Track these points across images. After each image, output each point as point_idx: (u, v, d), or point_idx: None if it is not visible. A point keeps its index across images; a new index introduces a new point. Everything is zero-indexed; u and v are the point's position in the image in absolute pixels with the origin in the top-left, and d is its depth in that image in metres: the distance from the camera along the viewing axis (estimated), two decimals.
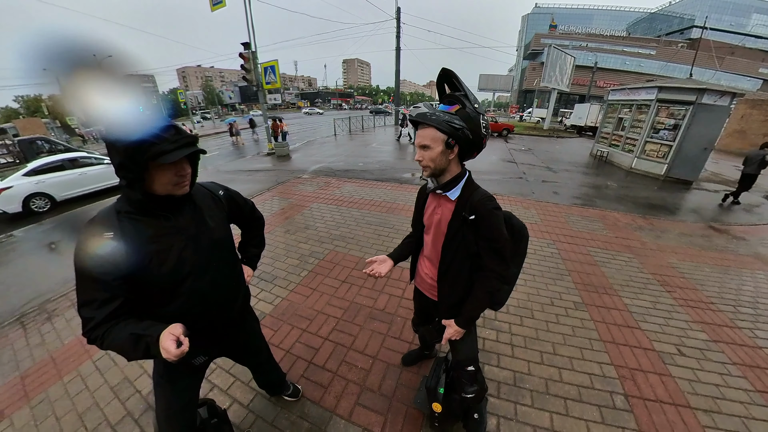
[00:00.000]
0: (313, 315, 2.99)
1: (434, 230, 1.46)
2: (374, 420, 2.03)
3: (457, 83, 1.27)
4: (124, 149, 0.93)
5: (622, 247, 4.48)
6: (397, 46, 23.29)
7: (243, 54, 11.52)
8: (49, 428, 2.07)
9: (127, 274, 1.03)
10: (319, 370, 2.41)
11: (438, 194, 1.41)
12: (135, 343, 0.99)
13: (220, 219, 1.33)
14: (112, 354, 2.63)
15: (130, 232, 1.04)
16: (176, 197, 1.11)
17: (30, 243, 5.61)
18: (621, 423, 2.00)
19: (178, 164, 1.05)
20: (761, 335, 2.85)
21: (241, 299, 1.50)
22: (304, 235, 4.73)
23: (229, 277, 1.40)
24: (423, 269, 1.65)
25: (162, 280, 1.11)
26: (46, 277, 4.19)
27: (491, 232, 1.30)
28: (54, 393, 2.33)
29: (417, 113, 1.24)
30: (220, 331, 1.41)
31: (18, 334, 3.01)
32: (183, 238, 1.15)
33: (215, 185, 1.42)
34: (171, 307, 1.16)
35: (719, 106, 8.42)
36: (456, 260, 1.42)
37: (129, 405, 2.20)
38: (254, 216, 1.66)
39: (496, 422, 1.99)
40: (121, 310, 1.04)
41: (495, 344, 2.62)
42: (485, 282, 1.37)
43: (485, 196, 1.31)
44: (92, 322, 1.00)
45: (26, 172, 7.41)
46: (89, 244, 1.00)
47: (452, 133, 1.20)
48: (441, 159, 1.26)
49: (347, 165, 10.25)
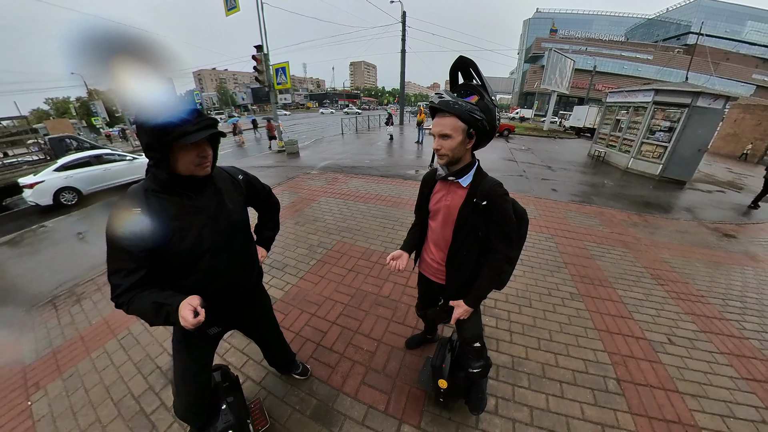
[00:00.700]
0: (321, 301, 3.02)
1: (443, 216, 1.44)
2: (379, 398, 2.06)
3: (476, 74, 1.24)
4: (151, 130, 0.97)
5: (617, 242, 4.46)
6: (402, 49, 23.18)
7: (256, 56, 11.54)
8: (79, 398, 2.15)
9: (152, 247, 1.07)
10: (327, 351, 2.44)
11: (449, 181, 1.39)
12: (157, 310, 1.03)
13: (238, 201, 1.36)
14: (135, 333, 2.71)
15: (155, 208, 1.08)
16: (198, 178, 1.14)
17: (60, 233, 5.75)
18: (613, 405, 2.01)
19: (200, 146, 1.08)
20: (748, 327, 2.84)
21: (254, 278, 1.53)
22: (313, 226, 4.75)
23: (244, 256, 1.42)
24: (428, 255, 1.64)
25: (182, 255, 1.15)
26: (75, 264, 4.29)
27: (502, 216, 1.30)
28: (83, 367, 2.41)
29: (440, 101, 1.19)
30: (233, 305, 1.45)
31: (50, 314, 3.10)
32: (203, 218, 1.19)
33: (235, 169, 1.44)
34: (189, 280, 1.20)
35: (713, 109, 8.30)
36: (465, 244, 1.42)
37: (150, 380, 2.26)
38: (270, 200, 1.68)
39: (494, 402, 2.01)
40: (146, 279, 1.08)
41: (495, 331, 2.63)
42: (494, 264, 1.38)
43: (496, 182, 1.31)
44: (119, 288, 1.05)
45: (56, 168, 7.54)
46: (120, 218, 1.04)
47: (473, 123, 1.17)
48: (460, 148, 1.24)
49: (354, 162, 10.24)
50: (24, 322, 3.03)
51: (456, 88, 1.30)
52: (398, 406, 2.00)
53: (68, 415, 2.03)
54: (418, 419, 1.92)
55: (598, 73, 41.64)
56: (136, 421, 1.97)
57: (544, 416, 1.93)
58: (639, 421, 1.92)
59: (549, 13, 63.52)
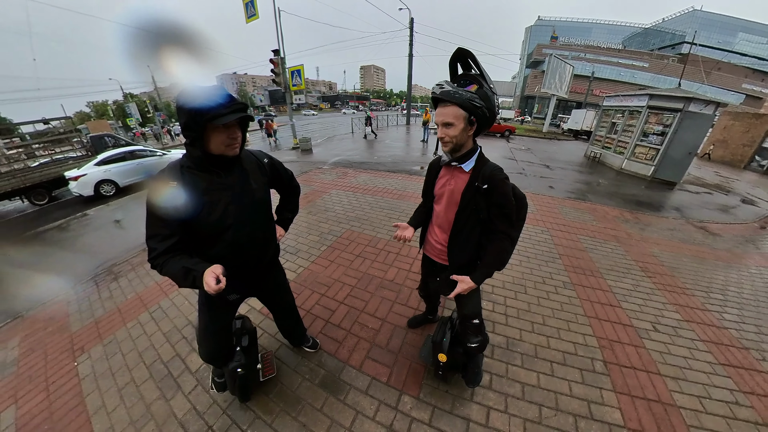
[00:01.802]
0: (330, 282, 3.05)
1: (446, 199, 1.45)
2: (382, 371, 2.09)
3: (474, 63, 1.23)
4: (189, 111, 1.02)
5: (609, 236, 4.41)
6: (409, 53, 22.91)
7: (273, 60, 11.56)
8: (117, 361, 2.27)
9: (184, 217, 1.12)
10: (335, 328, 2.47)
11: (453, 166, 1.39)
12: (185, 274, 1.08)
13: (261, 182, 1.38)
14: (164, 307, 2.82)
15: (189, 183, 1.13)
16: (227, 158, 1.17)
17: (100, 220, 6.01)
18: (599, 384, 2.01)
19: (231, 128, 1.12)
20: (727, 317, 2.80)
21: (271, 253, 1.56)
22: (324, 216, 4.77)
23: (263, 233, 1.45)
24: (432, 237, 1.64)
25: (209, 227, 1.19)
26: (113, 247, 4.50)
27: (502, 198, 1.30)
28: (120, 335, 2.54)
29: (441, 91, 1.19)
30: (252, 276, 1.49)
31: (92, 290, 3.28)
32: (229, 194, 1.22)
33: (261, 153, 1.47)
34: (214, 250, 1.24)
35: (704, 115, 8.07)
36: (467, 226, 1.42)
37: (178, 348, 2.35)
38: (292, 184, 1.70)
39: (489, 379, 2.03)
40: (178, 246, 1.14)
41: (491, 314, 2.63)
42: (498, 243, 1.37)
43: (496, 167, 1.31)
44: (155, 252, 1.11)
45: (96, 162, 7.77)
46: (158, 190, 1.10)
47: (473, 110, 1.17)
48: (462, 135, 1.24)
49: (363, 158, 10.21)
50: (71, 296, 3.19)
51: (456, 79, 1.29)
52: (399, 379, 2.03)
53: (108, 376, 2.15)
54: (417, 391, 1.94)
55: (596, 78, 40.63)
56: (164, 382, 2.07)
57: (534, 392, 1.94)
58: (622, 398, 1.91)
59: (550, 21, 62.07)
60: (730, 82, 46.17)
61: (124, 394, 2.00)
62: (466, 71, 1.26)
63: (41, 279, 3.75)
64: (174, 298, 2.94)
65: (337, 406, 1.86)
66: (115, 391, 2.03)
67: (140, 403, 1.93)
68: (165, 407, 1.89)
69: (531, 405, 1.86)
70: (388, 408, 1.85)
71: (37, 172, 7.99)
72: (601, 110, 12.26)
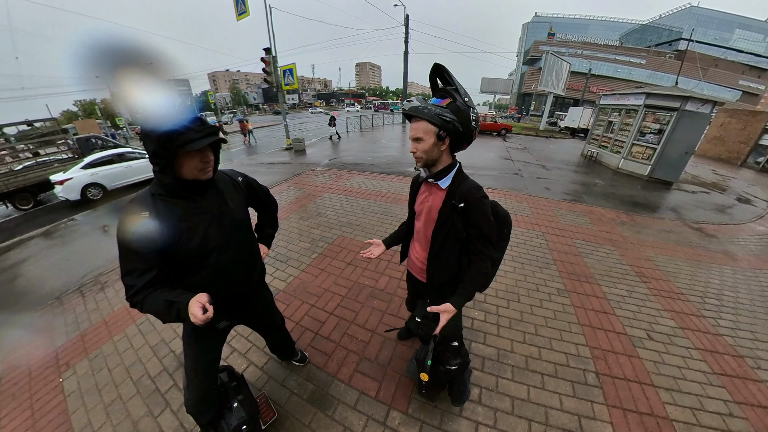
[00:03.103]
0: (320, 292, 3.03)
1: (425, 216, 1.44)
2: (370, 385, 2.07)
3: (448, 77, 1.22)
4: (157, 138, 0.98)
5: (605, 240, 4.42)
6: (405, 51, 22.88)
7: (264, 58, 11.49)
8: (103, 377, 2.25)
9: (161, 248, 1.08)
10: (324, 340, 2.46)
11: (430, 183, 1.38)
12: (168, 308, 1.04)
13: (239, 202, 1.36)
14: (152, 319, 2.77)
15: (163, 211, 1.09)
16: (201, 182, 1.15)
17: (87, 225, 5.93)
18: (591, 397, 2.01)
19: (203, 152, 1.09)
20: (723, 324, 2.81)
21: (257, 273, 1.54)
22: (316, 221, 4.75)
23: (247, 253, 1.42)
24: (414, 253, 1.63)
25: (190, 253, 1.16)
26: (100, 254, 4.42)
27: (479, 219, 1.28)
28: (106, 349, 2.51)
29: (410, 107, 1.20)
30: (239, 300, 1.45)
31: (78, 300, 3.22)
32: (208, 218, 1.20)
33: (234, 172, 1.44)
34: (198, 278, 1.21)
35: (701, 113, 8.13)
36: (446, 245, 1.40)
37: (165, 362, 2.33)
38: (269, 200, 1.68)
39: (478, 392, 2.02)
40: (157, 279, 1.09)
41: (482, 324, 2.62)
42: (478, 264, 1.35)
43: (474, 186, 1.29)
44: (133, 289, 1.06)
45: (83, 166, 7.64)
46: (129, 222, 1.06)
47: (443, 125, 1.16)
48: (433, 150, 1.23)
49: (357, 159, 10.18)
50: (56, 307, 3.14)
51: (435, 93, 1.29)
52: (388, 393, 2.01)
53: (94, 392, 2.13)
54: (405, 406, 1.93)
55: (593, 76, 40.90)
56: (152, 398, 2.05)
57: (524, 406, 1.94)
58: (614, 412, 1.91)
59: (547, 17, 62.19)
60: (727, 79, 46.62)
61: (111, 411, 1.97)
62: (445, 85, 1.25)
63: (23, 289, 3.69)
64: None
65: (325, 422, 1.86)
66: (101, 408, 2.00)
67: (127, 421, 1.90)
68: (152, 425, 1.88)
69: (520, 420, 1.85)
70: (376, 423, 1.84)
71: (21, 176, 7.85)
72: (597, 109, 12.32)
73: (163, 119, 0.98)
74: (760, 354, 2.46)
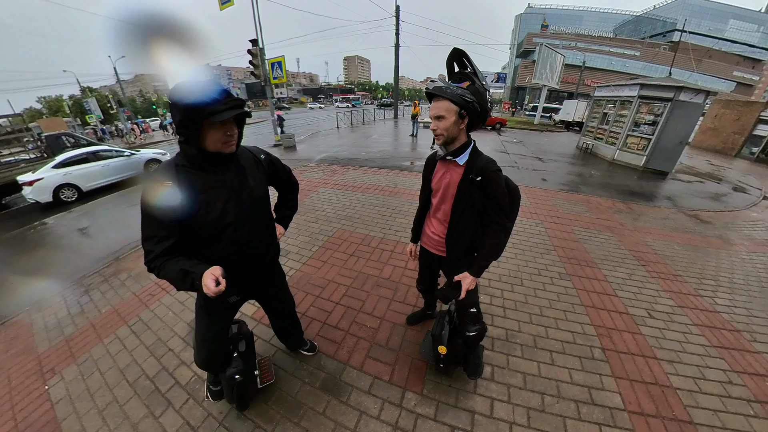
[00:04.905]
0: (324, 284, 3.10)
1: (443, 192, 1.56)
2: (383, 370, 2.16)
3: (467, 62, 1.34)
4: (184, 108, 1.02)
5: (603, 227, 4.62)
6: (396, 43, 22.98)
7: (251, 50, 11.35)
8: (95, 381, 2.20)
9: (181, 218, 1.14)
10: (333, 329, 2.53)
11: (448, 161, 1.50)
12: (184, 276, 1.10)
13: (260, 179, 1.41)
14: (146, 319, 2.76)
15: (185, 182, 1.15)
16: (224, 155, 1.20)
17: (62, 229, 5.74)
18: (598, 370, 2.16)
19: (227, 124, 1.14)
20: (719, 302, 3.03)
21: (272, 252, 1.60)
22: (314, 215, 4.82)
23: (263, 230, 1.48)
24: (430, 229, 1.75)
25: (208, 226, 1.22)
26: (80, 258, 4.35)
27: (495, 189, 1.41)
28: (96, 353, 2.45)
29: (434, 86, 1.31)
30: (252, 277, 1.52)
31: (60, 306, 3.13)
32: (227, 192, 1.25)
33: (258, 149, 1.50)
34: (214, 251, 1.27)
35: (694, 104, 8.48)
36: (464, 217, 1.53)
37: (164, 361, 2.31)
38: (290, 181, 1.74)
39: (490, 370, 2.14)
40: (175, 247, 1.15)
41: (489, 307, 2.76)
42: (492, 235, 1.49)
43: (489, 160, 1.43)
44: (152, 254, 1.13)
45: (55, 165, 7.41)
46: (153, 190, 1.11)
47: (464, 105, 1.28)
48: (453, 128, 1.35)
49: (350, 154, 10.25)
50: (34, 314, 3.04)
51: (453, 77, 1.40)
52: (402, 376, 2.11)
53: (85, 397, 2.07)
54: (420, 387, 2.03)
55: (588, 68, 41.80)
56: (152, 398, 2.03)
57: (536, 381, 2.07)
58: (621, 383, 2.07)
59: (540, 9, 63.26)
60: (721, 70, 48.23)
61: (107, 416, 1.93)
62: (461, 69, 1.37)
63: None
64: (156, 309, 2.88)
65: (340, 408, 1.92)
66: (95, 412, 1.96)
67: (126, 423, 1.87)
68: (154, 425, 1.86)
69: (533, 394, 1.98)
70: (392, 406, 1.92)
71: None
72: (592, 101, 12.68)
73: (191, 90, 1.02)
74: (756, 329, 2.67)
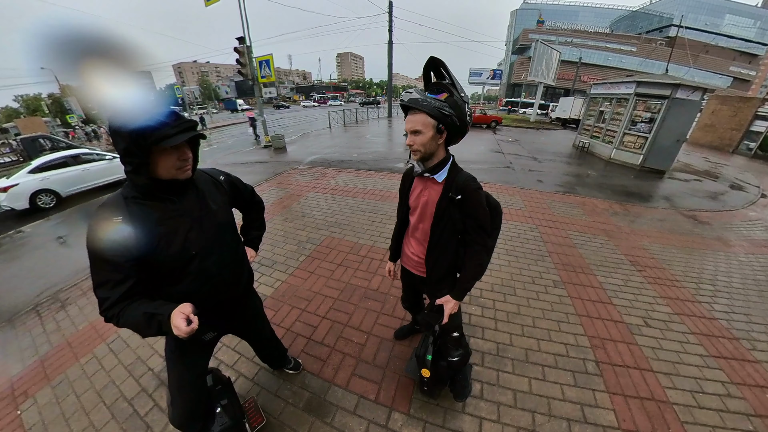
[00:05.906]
0: (311, 296, 3.06)
1: (421, 211, 1.50)
2: (369, 388, 2.12)
3: (445, 72, 1.28)
4: (128, 135, 0.94)
5: (599, 230, 4.62)
6: (389, 40, 23.01)
7: (238, 48, 11.27)
8: (70, 404, 2.14)
9: (138, 255, 1.04)
10: (318, 345, 2.49)
11: (425, 177, 1.44)
12: (148, 321, 1.01)
13: (222, 203, 1.34)
14: (125, 336, 2.69)
15: (138, 215, 1.05)
16: (179, 181, 1.12)
17: (39, 237, 5.56)
18: (592, 386, 2.13)
19: (180, 148, 1.06)
20: (717, 308, 3.02)
21: (245, 278, 1.52)
22: (302, 222, 4.76)
23: (233, 257, 1.41)
24: (409, 249, 1.69)
25: (170, 260, 1.12)
26: (57, 269, 4.19)
27: (476, 210, 1.37)
28: (72, 373, 2.39)
29: (409, 98, 1.25)
30: (226, 308, 1.44)
31: (35, 322, 3.03)
32: (188, 221, 1.17)
33: (216, 171, 1.43)
34: (180, 286, 1.18)
35: (691, 101, 8.55)
36: (443, 237, 1.48)
37: (143, 382, 2.26)
38: (254, 200, 1.67)
39: (480, 387, 2.10)
40: (134, 290, 1.05)
41: (480, 319, 2.72)
42: (475, 256, 1.45)
43: (469, 177, 1.38)
44: (108, 302, 1.02)
45: (31, 170, 7.24)
46: (100, 229, 1.01)
47: (442, 119, 1.22)
48: (431, 143, 1.29)
49: (342, 156, 10.20)
50: (7, 332, 2.93)
51: (429, 88, 1.35)
52: (388, 395, 2.07)
53: (60, 422, 2.02)
54: (407, 406, 1.99)
55: (584, 64, 42.22)
56: (130, 422, 1.98)
57: (526, 398, 2.04)
58: (615, 399, 2.04)
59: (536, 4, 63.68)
60: (718, 65, 48.98)
61: None
62: (439, 79, 1.32)
63: None
64: None
65: (324, 430, 1.88)
66: None
67: None
68: None
69: (524, 412, 1.95)
70: (377, 427, 1.88)
71: None
72: (588, 98, 12.75)
73: (135, 114, 0.93)
74: (755, 336, 2.66)
